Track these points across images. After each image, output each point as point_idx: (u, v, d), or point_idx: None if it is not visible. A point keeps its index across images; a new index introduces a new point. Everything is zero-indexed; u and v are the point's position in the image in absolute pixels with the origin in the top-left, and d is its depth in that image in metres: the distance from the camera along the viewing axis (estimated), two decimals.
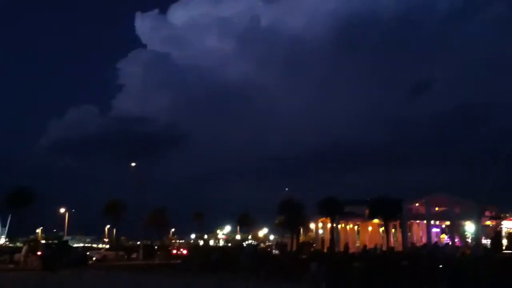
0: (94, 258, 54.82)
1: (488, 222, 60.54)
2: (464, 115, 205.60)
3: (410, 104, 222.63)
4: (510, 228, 68.47)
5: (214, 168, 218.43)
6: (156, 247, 69.81)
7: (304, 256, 39.27)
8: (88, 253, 56.06)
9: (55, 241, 61.78)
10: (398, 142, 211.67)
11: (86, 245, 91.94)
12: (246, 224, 78.82)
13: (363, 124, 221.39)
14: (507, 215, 65.75)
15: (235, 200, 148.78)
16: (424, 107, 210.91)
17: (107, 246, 77.27)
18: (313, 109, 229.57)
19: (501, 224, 60.35)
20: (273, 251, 61.09)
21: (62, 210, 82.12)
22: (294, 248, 59.21)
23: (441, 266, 26.01)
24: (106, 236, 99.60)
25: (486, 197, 57.50)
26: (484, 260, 29.59)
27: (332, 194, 58.38)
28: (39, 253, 41.79)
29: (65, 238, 78.33)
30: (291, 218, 59.36)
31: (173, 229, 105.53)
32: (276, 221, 71.23)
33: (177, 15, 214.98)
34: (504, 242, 58.77)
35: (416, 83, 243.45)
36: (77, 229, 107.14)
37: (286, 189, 79.46)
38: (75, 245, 77.41)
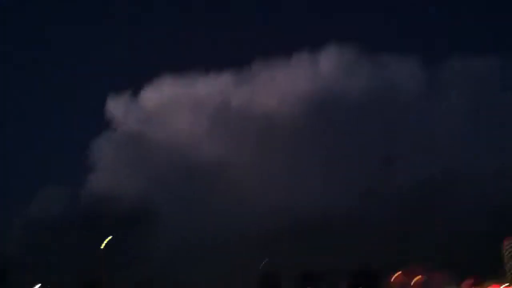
0: None
1: None
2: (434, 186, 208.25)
3: (380, 177, 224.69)
4: None
5: (188, 245, 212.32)
6: None
7: None
8: None
9: None
10: (371, 215, 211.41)
11: None
12: None
13: (335, 197, 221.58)
14: (488, 282, 66.19)
15: (210, 277, 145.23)
16: (393, 180, 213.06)
17: None
18: (285, 182, 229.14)
19: None
20: None
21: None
22: None
23: None
24: None
25: (464, 267, 58.14)
26: None
27: (308, 268, 57.23)
28: None
29: None
30: None
31: None
32: None
33: (149, 96, 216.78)
34: None
35: (383, 159, 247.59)
36: None
37: (263, 262, 77.92)
38: None
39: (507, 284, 78.36)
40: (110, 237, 65.32)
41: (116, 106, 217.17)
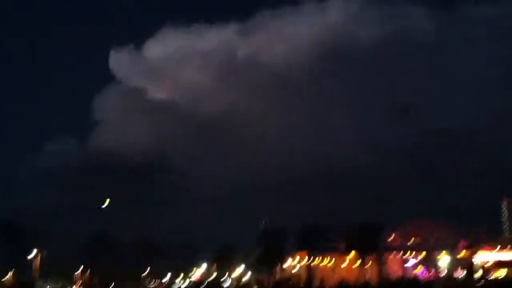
0: None
1: (463, 252, 61.07)
2: (447, 140, 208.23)
3: (389, 129, 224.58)
4: (483, 262, 69.09)
5: (195, 199, 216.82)
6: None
7: None
8: None
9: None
10: (377, 168, 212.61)
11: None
12: (223, 261, 77.60)
13: (344, 150, 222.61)
14: (481, 246, 66.65)
15: (215, 229, 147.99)
16: (405, 132, 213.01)
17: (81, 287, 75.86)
18: (293, 136, 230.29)
19: (475, 255, 61.02)
20: None
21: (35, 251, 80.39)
22: (271, 285, 58.88)
23: None
24: (80, 277, 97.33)
25: (461, 227, 58.26)
26: None
27: (309, 222, 58.22)
28: None
29: (38, 281, 76.62)
30: (268, 254, 59.11)
31: (148, 268, 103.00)
32: (255, 257, 70.77)
33: (153, 49, 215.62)
34: (479, 273, 59.32)
35: (395, 109, 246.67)
36: (52, 270, 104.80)
37: (263, 221, 79.13)
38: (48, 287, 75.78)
39: (500, 247, 78.57)
40: (108, 200, 66.26)
41: (119, 60, 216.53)
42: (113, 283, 70.46)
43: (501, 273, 67.55)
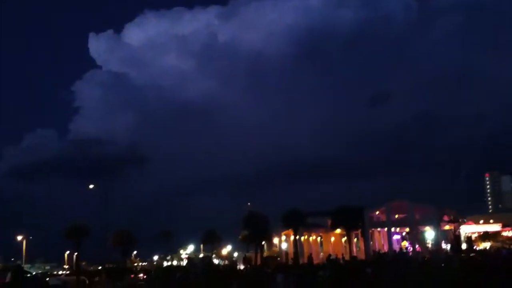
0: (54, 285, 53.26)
1: (447, 227, 62.11)
2: (420, 125, 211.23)
3: (369, 115, 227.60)
4: (469, 233, 70.50)
5: (177, 186, 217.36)
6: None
7: (269, 270, 39.19)
8: (47, 279, 54.47)
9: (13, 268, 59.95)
10: (358, 153, 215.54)
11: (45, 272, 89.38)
12: (210, 242, 77.39)
13: (324, 136, 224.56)
14: (465, 219, 67.65)
15: (199, 218, 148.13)
16: (382, 118, 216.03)
17: (67, 272, 75.31)
18: (274, 124, 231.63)
19: (460, 228, 61.92)
20: (238, 266, 60.69)
21: (19, 237, 79.79)
22: (259, 263, 59.00)
23: (404, 271, 26.38)
24: (66, 263, 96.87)
25: (444, 202, 58.94)
26: (445, 263, 30.22)
27: (295, 207, 58.63)
28: None
29: (24, 266, 75.94)
30: (255, 233, 59.03)
31: (135, 252, 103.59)
32: (240, 237, 70.98)
33: (132, 34, 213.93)
34: (463, 245, 60.24)
35: (374, 95, 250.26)
36: (37, 256, 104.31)
37: (248, 203, 79.33)
38: (34, 272, 75.06)
39: (482, 221, 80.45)
40: (92, 186, 65.69)
41: (99, 45, 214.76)
42: (100, 267, 70.37)
43: (486, 245, 68.90)
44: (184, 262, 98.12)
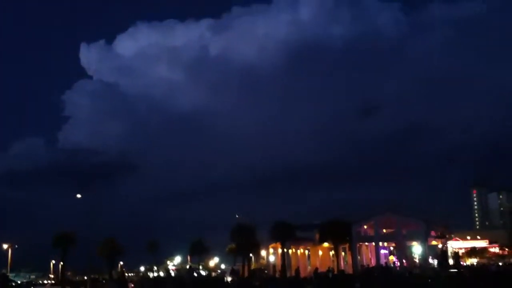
0: None
1: (434, 242, 62.17)
2: (410, 135, 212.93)
3: (359, 126, 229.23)
4: (456, 248, 70.75)
5: (167, 194, 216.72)
6: (104, 281, 67.51)
7: (257, 283, 39.10)
8: None
9: None
10: (348, 162, 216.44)
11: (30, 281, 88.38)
12: (197, 252, 77.01)
13: (315, 146, 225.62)
14: (452, 235, 67.90)
15: (188, 226, 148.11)
16: (371, 129, 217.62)
17: (53, 282, 74.59)
18: (264, 133, 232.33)
19: (447, 244, 62.08)
20: (225, 278, 60.38)
21: (5, 246, 78.83)
22: (247, 274, 58.83)
23: (392, 286, 26.41)
24: (52, 272, 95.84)
25: (433, 217, 59.17)
26: (432, 278, 30.29)
27: (283, 217, 59.04)
28: None
29: (8, 275, 75.03)
30: (243, 245, 58.92)
31: (121, 262, 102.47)
32: (227, 249, 70.82)
33: (124, 45, 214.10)
34: (450, 261, 60.37)
35: (365, 106, 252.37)
36: (23, 265, 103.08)
37: (237, 216, 79.15)
38: (19, 281, 74.29)
39: (469, 237, 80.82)
40: (79, 196, 65.19)
41: (90, 55, 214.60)
42: (85, 277, 69.62)
43: (473, 261, 69.12)
44: (172, 274, 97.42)
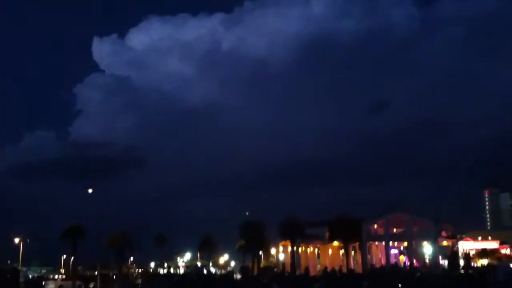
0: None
1: (445, 242, 61.76)
2: (421, 132, 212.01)
3: (370, 123, 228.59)
4: (467, 249, 70.22)
5: (177, 189, 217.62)
6: (114, 276, 67.94)
7: (265, 280, 39.02)
8: (43, 283, 54.34)
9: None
10: (358, 159, 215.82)
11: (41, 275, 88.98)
12: (206, 249, 77.10)
13: (325, 142, 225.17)
14: (463, 235, 67.37)
15: (198, 221, 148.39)
16: (382, 126, 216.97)
17: (64, 276, 75.09)
18: (275, 128, 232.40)
19: (458, 244, 61.64)
20: (235, 275, 60.40)
21: (16, 240, 79.39)
22: (256, 273, 58.80)
23: (401, 285, 26.27)
24: (63, 266, 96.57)
25: (443, 217, 58.77)
26: (443, 279, 30.06)
27: (293, 213, 58.63)
28: None
29: (20, 268, 75.56)
30: (252, 243, 58.87)
31: (131, 258, 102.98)
32: (237, 246, 70.81)
33: (136, 39, 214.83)
34: (461, 262, 59.93)
35: (375, 102, 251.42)
36: (33, 259, 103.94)
37: (247, 213, 79.18)
38: (30, 276, 74.79)
39: (480, 238, 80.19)
40: (90, 190, 65.45)
41: (102, 49, 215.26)
42: (96, 272, 69.97)
43: (483, 262, 68.51)
44: (181, 270, 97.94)
